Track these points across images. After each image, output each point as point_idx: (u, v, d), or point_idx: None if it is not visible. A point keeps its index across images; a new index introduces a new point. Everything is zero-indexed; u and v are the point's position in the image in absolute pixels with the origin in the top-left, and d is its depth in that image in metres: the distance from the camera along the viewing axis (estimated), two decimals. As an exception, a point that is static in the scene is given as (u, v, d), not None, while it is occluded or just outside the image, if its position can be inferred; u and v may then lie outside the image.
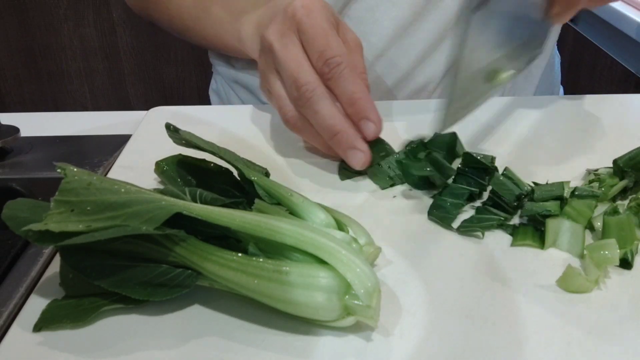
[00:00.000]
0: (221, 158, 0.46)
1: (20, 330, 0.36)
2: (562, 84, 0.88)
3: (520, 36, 0.53)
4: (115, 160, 0.55)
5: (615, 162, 0.47)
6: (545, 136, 0.57)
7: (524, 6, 0.51)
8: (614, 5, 1.18)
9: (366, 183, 0.50)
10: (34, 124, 0.65)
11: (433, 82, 0.70)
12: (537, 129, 0.58)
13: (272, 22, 0.53)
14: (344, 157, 0.50)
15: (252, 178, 0.43)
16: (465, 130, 0.56)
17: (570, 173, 0.50)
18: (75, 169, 0.37)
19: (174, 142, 0.48)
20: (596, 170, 0.49)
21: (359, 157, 0.49)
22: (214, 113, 0.64)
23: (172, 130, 0.48)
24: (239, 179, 0.45)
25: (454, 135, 0.51)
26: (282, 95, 0.52)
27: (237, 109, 0.65)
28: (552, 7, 0.53)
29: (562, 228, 0.42)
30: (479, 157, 0.48)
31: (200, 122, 0.61)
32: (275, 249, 0.36)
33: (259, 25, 0.58)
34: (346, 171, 0.51)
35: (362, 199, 0.48)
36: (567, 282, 0.38)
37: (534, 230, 0.43)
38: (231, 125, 0.60)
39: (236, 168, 0.45)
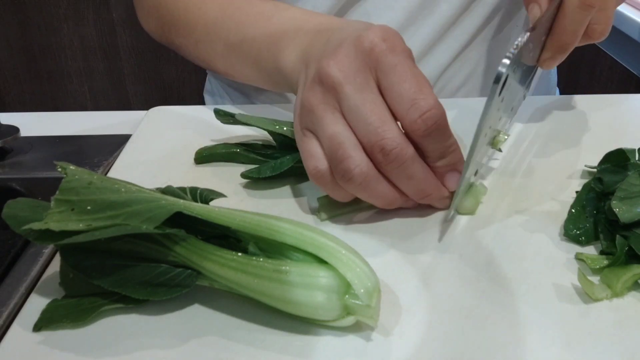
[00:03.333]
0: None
1: (20, 330, 0.36)
2: (558, 85, 0.88)
3: (519, 89, 0.50)
4: (115, 160, 0.55)
5: None
6: (544, 136, 0.57)
7: (527, 56, 0.46)
8: (614, 5, 1.18)
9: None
10: (34, 124, 0.65)
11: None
12: (536, 128, 0.58)
13: (338, 53, 0.42)
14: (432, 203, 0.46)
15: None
16: (463, 132, 0.56)
17: (570, 172, 0.50)
18: (75, 168, 0.37)
19: (222, 122, 0.55)
20: (594, 167, 0.49)
21: (446, 204, 0.45)
22: (213, 113, 0.64)
23: (222, 114, 0.55)
24: None
25: None
26: (348, 139, 0.41)
27: (237, 109, 0.65)
28: (543, 52, 0.50)
29: None
30: None
31: (199, 122, 0.61)
32: (275, 249, 0.36)
33: (306, 52, 0.49)
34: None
35: (362, 199, 0.48)
36: (592, 288, 0.37)
37: None
38: (231, 125, 0.60)
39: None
